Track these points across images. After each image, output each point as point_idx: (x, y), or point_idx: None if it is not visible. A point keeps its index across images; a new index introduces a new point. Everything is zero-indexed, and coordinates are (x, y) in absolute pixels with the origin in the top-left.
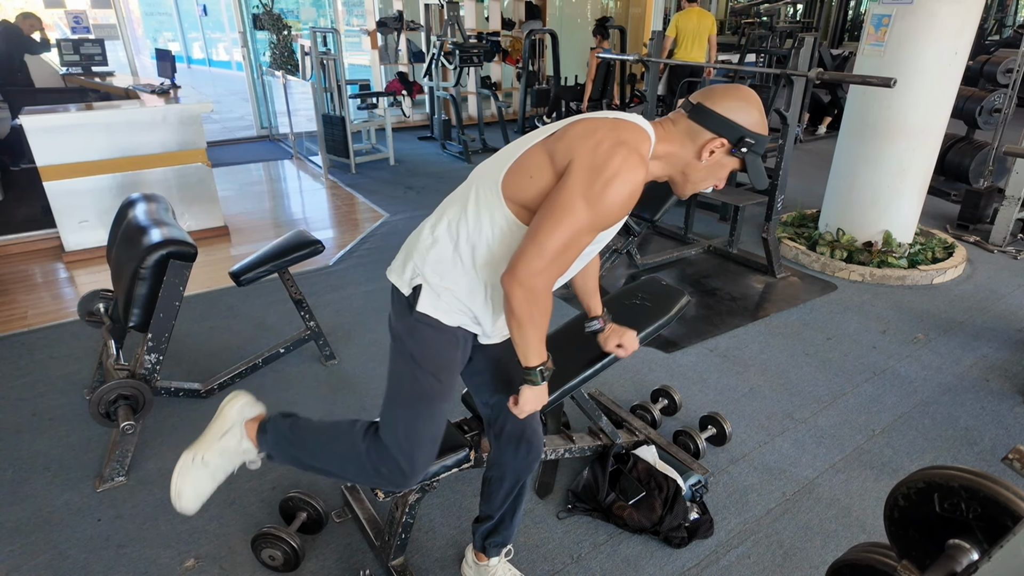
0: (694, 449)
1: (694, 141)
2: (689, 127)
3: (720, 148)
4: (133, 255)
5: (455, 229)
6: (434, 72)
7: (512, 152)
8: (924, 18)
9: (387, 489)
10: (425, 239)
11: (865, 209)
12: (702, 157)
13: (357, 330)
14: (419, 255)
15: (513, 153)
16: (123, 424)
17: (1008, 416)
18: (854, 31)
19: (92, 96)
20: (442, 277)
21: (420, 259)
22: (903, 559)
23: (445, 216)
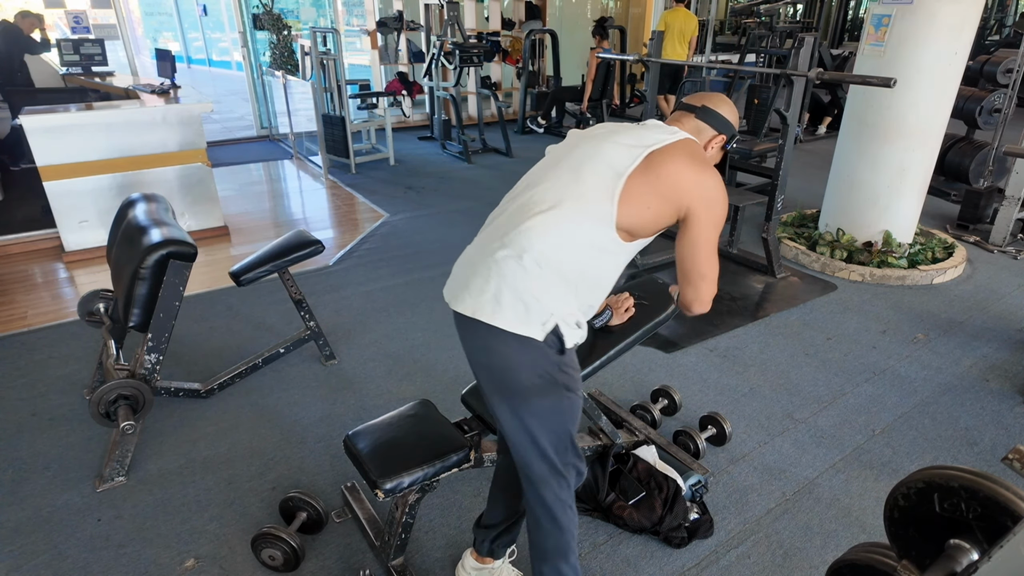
0: (694, 449)
1: (701, 137)
2: (697, 126)
3: (719, 143)
4: (133, 255)
5: (575, 268)
6: (434, 72)
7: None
8: (924, 18)
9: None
10: (551, 283)
11: (865, 209)
12: (707, 150)
13: (357, 330)
14: (548, 300)
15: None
16: (123, 424)
17: (1008, 416)
18: (854, 31)
19: (92, 96)
20: (569, 311)
21: (553, 303)
22: (903, 559)
23: (558, 255)
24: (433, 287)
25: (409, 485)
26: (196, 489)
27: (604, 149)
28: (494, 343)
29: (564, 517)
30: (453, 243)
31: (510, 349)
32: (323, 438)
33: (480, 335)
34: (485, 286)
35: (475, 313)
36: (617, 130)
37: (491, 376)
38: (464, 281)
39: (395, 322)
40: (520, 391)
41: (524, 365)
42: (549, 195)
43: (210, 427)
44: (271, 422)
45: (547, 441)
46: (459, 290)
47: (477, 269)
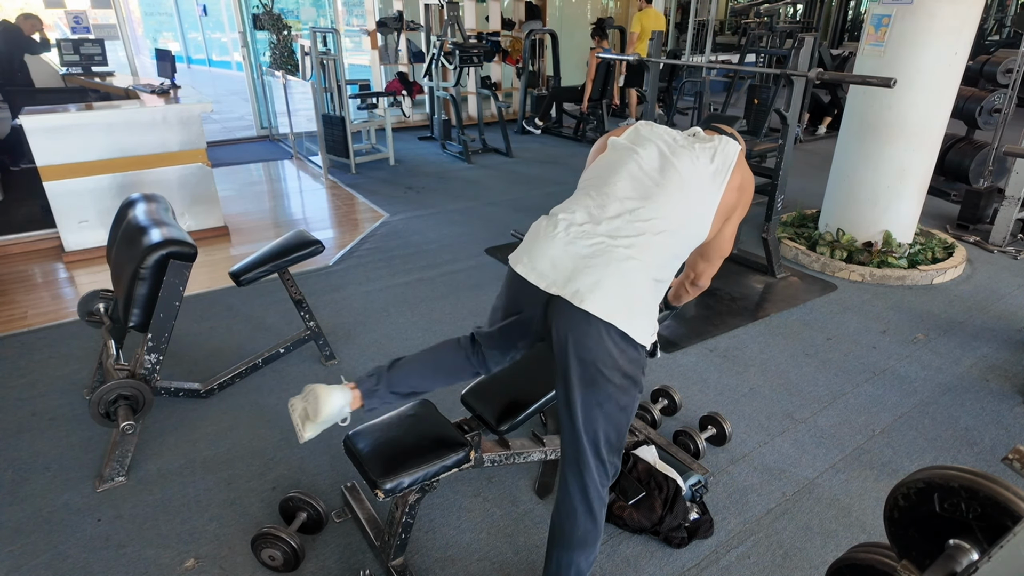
0: (694, 449)
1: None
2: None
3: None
4: (133, 255)
5: (668, 281)
6: (434, 72)
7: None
8: (924, 18)
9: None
10: (657, 294)
11: (865, 209)
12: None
13: (357, 330)
14: (655, 311)
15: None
16: (123, 424)
17: (1008, 416)
18: (854, 31)
19: (92, 96)
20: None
21: (653, 309)
22: (903, 559)
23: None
24: (433, 287)
25: (409, 485)
26: (196, 489)
27: (700, 172)
28: (606, 341)
29: (600, 510)
30: (453, 243)
31: (619, 349)
32: (323, 438)
33: (592, 330)
34: (618, 291)
35: (610, 317)
36: (691, 143)
37: (583, 367)
38: (586, 276)
39: (395, 322)
40: (607, 386)
41: (624, 365)
42: (667, 215)
43: (210, 427)
44: (271, 422)
45: (606, 436)
46: (576, 282)
47: (607, 268)
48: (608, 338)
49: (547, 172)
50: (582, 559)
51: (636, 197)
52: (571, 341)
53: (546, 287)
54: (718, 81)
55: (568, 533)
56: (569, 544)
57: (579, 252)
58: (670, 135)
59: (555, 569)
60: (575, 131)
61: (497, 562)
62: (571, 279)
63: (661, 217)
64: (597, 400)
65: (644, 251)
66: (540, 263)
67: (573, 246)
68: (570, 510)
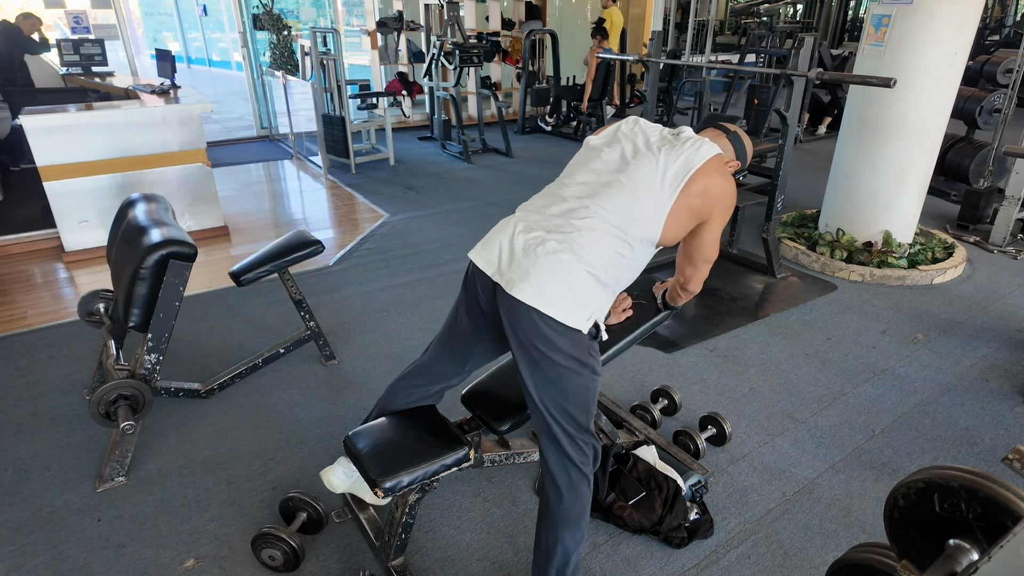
0: (694, 449)
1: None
2: (725, 146)
3: (732, 168)
4: (133, 255)
5: (614, 275)
6: (434, 72)
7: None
8: (924, 18)
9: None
10: (596, 285)
11: (865, 209)
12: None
13: (357, 330)
14: (592, 300)
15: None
16: (123, 424)
17: (1008, 416)
18: (854, 31)
19: (92, 96)
20: (604, 308)
21: (595, 302)
22: (903, 559)
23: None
24: (433, 287)
25: (409, 484)
26: (196, 489)
27: (655, 174)
28: (539, 324)
29: (582, 487)
30: (453, 243)
31: (555, 332)
32: (323, 438)
33: (524, 315)
34: (544, 280)
35: (537, 304)
36: (660, 146)
37: (524, 349)
38: (518, 267)
39: (395, 322)
40: (554, 366)
41: (564, 347)
42: (606, 214)
43: (210, 427)
44: (271, 422)
45: (568, 413)
46: (510, 272)
47: (536, 260)
48: (541, 322)
49: (547, 172)
50: (567, 537)
51: (581, 196)
52: (510, 325)
53: (491, 274)
54: (718, 81)
55: (552, 510)
56: (553, 521)
57: (519, 245)
58: (647, 135)
59: (544, 549)
60: (575, 131)
61: (497, 562)
62: (508, 268)
63: (599, 217)
64: (548, 378)
65: (576, 247)
66: (490, 253)
67: (517, 240)
68: (551, 486)
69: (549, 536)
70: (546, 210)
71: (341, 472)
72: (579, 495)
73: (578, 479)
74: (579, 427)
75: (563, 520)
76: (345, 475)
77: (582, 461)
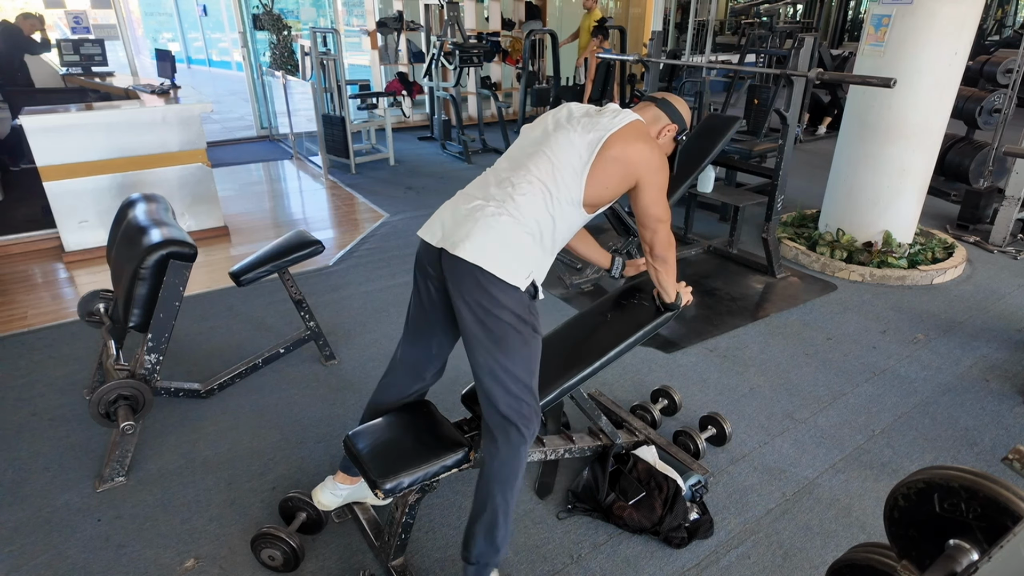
0: (694, 449)
1: (657, 123)
2: (656, 114)
3: (670, 131)
4: (133, 255)
5: (549, 235)
6: (434, 72)
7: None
8: (924, 18)
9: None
10: (533, 245)
11: (865, 209)
12: (660, 136)
13: (357, 330)
14: (530, 259)
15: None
16: (123, 424)
17: (1008, 416)
18: (854, 31)
19: (92, 96)
20: (542, 268)
21: (533, 261)
22: (903, 559)
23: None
24: None
25: (409, 485)
26: (196, 489)
27: (573, 141)
28: (481, 281)
29: (523, 448)
30: None
31: (497, 289)
32: (323, 438)
33: (467, 274)
34: (484, 239)
35: (477, 260)
36: (580, 118)
37: (469, 308)
38: (460, 229)
39: (395, 322)
40: (496, 323)
41: (506, 302)
42: (533, 179)
43: (210, 427)
44: (271, 422)
45: (509, 369)
46: (453, 236)
47: (476, 223)
48: (483, 279)
49: None
50: (499, 494)
51: (513, 168)
52: (455, 287)
53: (436, 243)
54: (718, 81)
55: (487, 466)
56: (487, 477)
57: (461, 213)
58: (571, 112)
59: (476, 506)
60: None
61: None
62: (451, 233)
63: (526, 182)
64: (493, 337)
65: (511, 209)
66: (434, 226)
67: (459, 210)
68: (493, 452)
69: (481, 491)
70: (482, 184)
71: (328, 493)
72: (517, 454)
73: (517, 440)
74: (522, 386)
75: (496, 475)
76: (332, 494)
77: (522, 422)
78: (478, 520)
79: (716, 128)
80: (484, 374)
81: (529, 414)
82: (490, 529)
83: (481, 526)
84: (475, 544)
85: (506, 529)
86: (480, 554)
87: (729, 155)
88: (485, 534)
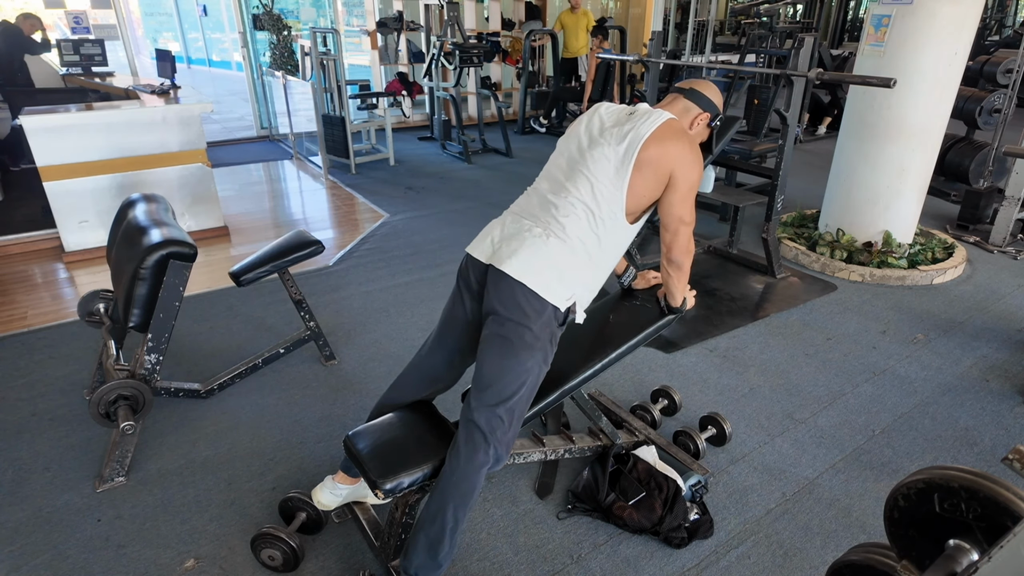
0: (694, 449)
1: (688, 115)
2: (685, 105)
3: (703, 120)
4: (133, 255)
5: (597, 254)
6: (434, 72)
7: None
8: (924, 18)
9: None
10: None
11: (865, 209)
12: (693, 127)
13: (357, 330)
14: (575, 280)
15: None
16: (123, 424)
17: (1008, 416)
18: (854, 31)
19: (92, 96)
20: (590, 290)
21: (578, 283)
22: (903, 559)
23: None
24: (433, 287)
25: (409, 485)
26: (196, 489)
27: (607, 155)
28: (519, 297)
29: (483, 471)
30: (453, 243)
31: (531, 307)
32: (323, 438)
33: (507, 287)
34: (531, 258)
35: (521, 276)
36: (611, 129)
37: (498, 320)
38: (508, 247)
39: (395, 322)
40: (514, 341)
41: (533, 323)
42: (575, 201)
43: (210, 427)
44: (271, 422)
45: (501, 386)
46: (501, 252)
47: (524, 242)
48: (522, 295)
49: None
50: (450, 509)
51: (551, 190)
52: (493, 297)
53: (485, 259)
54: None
55: (446, 476)
56: (443, 488)
57: (509, 231)
58: (603, 120)
59: (424, 515)
60: None
61: (497, 562)
62: (500, 250)
63: (568, 204)
64: (501, 351)
65: (556, 229)
66: (483, 243)
67: (507, 228)
68: (454, 466)
69: (433, 503)
70: (527, 205)
71: (328, 492)
72: (477, 473)
73: (482, 459)
74: (510, 412)
75: (454, 489)
76: (332, 494)
77: (495, 443)
78: (422, 531)
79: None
80: (482, 382)
81: (504, 440)
82: (434, 544)
83: (425, 538)
84: (415, 555)
85: (451, 548)
86: (419, 567)
87: (729, 155)
88: (428, 548)
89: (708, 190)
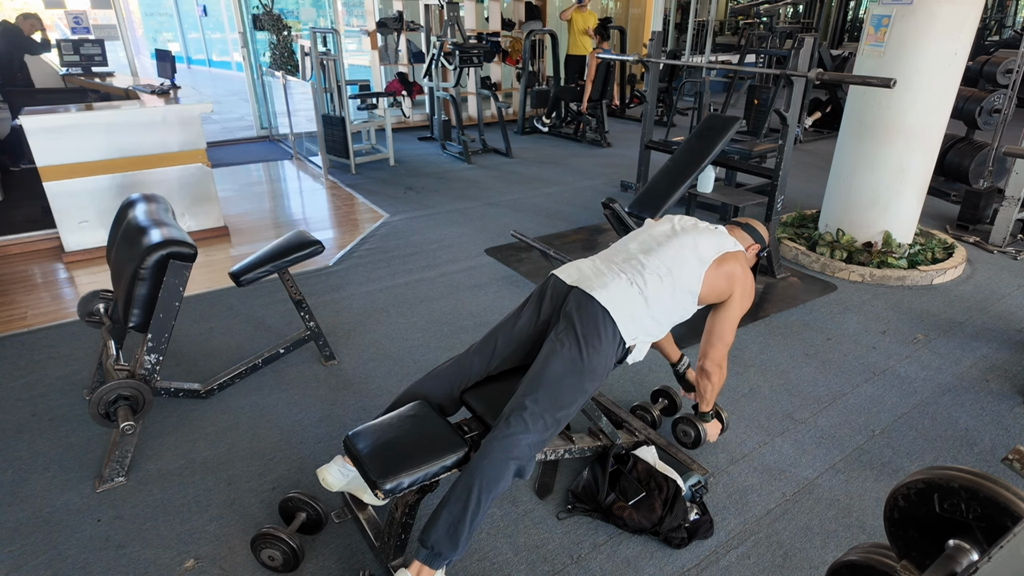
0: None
1: (745, 242)
2: (742, 235)
3: (755, 249)
4: (133, 255)
5: (664, 315)
6: (434, 72)
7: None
8: (924, 18)
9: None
10: (650, 319)
11: (865, 209)
12: (748, 253)
13: (357, 330)
14: (642, 327)
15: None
16: (123, 424)
17: (1008, 416)
18: (854, 31)
19: (92, 96)
20: (645, 342)
21: (643, 331)
22: (903, 559)
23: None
24: (433, 287)
25: (409, 486)
26: (196, 489)
27: (697, 243)
28: (599, 320)
29: (512, 464)
30: (453, 243)
31: (605, 334)
32: (323, 438)
33: (593, 309)
34: (618, 295)
35: (607, 304)
36: (703, 230)
37: (576, 334)
38: (598, 280)
39: (395, 322)
40: (587, 357)
41: (601, 348)
42: (661, 265)
43: (210, 427)
44: (271, 422)
45: (551, 395)
46: (591, 282)
47: (613, 281)
48: (602, 319)
49: (547, 172)
50: (475, 491)
51: (640, 251)
52: (574, 312)
53: (572, 283)
54: (718, 81)
55: (480, 458)
56: (475, 469)
57: (600, 269)
58: (696, 224)
59: (456, 491)
60: (575, 131)
61: (497, 562)
62: (589, 279)
63: (656, 266)
64: (570, 367)
65: (640, 283)
66: (572, 270)
67: (598, 267)
68: (486, 454)
69: (462, 482)
70: (616, 257)
71: (336, 470)
72: (507, 464)
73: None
74: (554, 419)
75: (484, 473)
76: (340, 473)
77: (535, 440)
78: (446, 508)
79: (716, 128)
80: (539, 383)
81: (537, 443)
82: (455, 523)
83: (448, 515)
84: (434, 530)
85: (469, 532)
86: (436, 541)
87: (729, 155)
88: (448, 526)
89: (708, 190)
